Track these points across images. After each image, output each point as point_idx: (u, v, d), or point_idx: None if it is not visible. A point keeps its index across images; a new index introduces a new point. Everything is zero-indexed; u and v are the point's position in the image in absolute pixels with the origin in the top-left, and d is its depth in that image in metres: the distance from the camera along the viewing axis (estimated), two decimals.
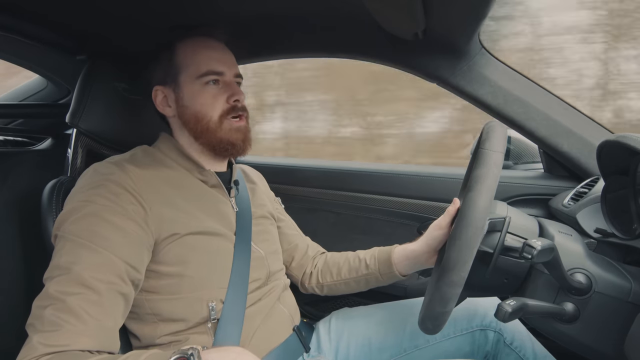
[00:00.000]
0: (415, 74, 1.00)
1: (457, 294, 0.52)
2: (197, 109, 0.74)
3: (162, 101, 0.77)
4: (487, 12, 0.73)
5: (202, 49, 0.76)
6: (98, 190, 0.61)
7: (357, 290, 0.89)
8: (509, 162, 1.18)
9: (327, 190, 1.27)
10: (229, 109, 0.75)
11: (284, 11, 0.86)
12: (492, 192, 0.54)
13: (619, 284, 0.57)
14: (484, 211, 0.52)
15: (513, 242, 0.63)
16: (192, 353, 0.46)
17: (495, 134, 0.59)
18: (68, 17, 0.82)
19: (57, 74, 1.13)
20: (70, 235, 0.57)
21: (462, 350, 0.78)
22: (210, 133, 0.74)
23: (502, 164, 0.56)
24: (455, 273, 0.51)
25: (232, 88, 0.76)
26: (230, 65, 0.77)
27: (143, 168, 0.68)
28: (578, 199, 0.85)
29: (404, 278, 0.84)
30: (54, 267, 0.56)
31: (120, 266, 0.57)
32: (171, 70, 0.75)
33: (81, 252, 0.56)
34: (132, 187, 0.63)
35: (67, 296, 0.52)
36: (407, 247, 0.82)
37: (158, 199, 0.65)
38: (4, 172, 0.91)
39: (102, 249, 0.57)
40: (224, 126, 0.74)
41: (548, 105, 0.94)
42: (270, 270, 0.79)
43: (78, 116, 0.82)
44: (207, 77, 0.74)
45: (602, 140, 0.67)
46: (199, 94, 0.74)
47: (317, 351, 0.83)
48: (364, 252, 0.89)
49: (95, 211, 0.59)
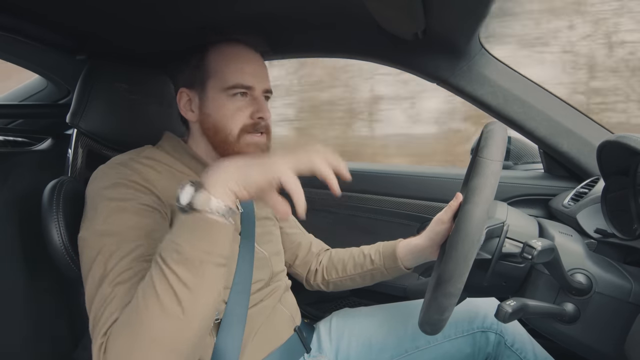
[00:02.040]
0: (415, 74, 1.00)
1: (454, 304, 0.53)
2: (219, 119, 0.71)
3: (185, 104, 0.75)
4: (487, 12, 0.73)
5: (234, 59, 0.72)
6: (113, 188, 0.62)
7: (362, 285, 0.90)
8: (509, 162, 1.18)
9: (327, 190, 1.26)
10: (251, 125, 0.72)
11: (283, 11, 0.86)
12: (489, 203, 0.53)
13: (619, 284, 0.57)
14: (480, 224, 0.52)
15: (512, 248, 0.63)
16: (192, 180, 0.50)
17: (494, 140, 0.58)
18: (68, 17, 0.82)
19: (57, 74, 1.13)
20: (104, 235, 0.57)
21: (463, 351, 0.78)
22: (227, 145, 0.72)
23: (500, 172, 0.55)
24: (452, 285, 0.51)
25: (258, 104, 0.73)
26: (261, 79, 0.74)
27: (147, 166, 0.67)
28: (578, 199, 0.85)
29: (408, 271, 0.84)
30: (99, 270, 0.55)
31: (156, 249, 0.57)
32: (200, 75, 0.73)
33: (122, 247, 0.56)
34: (142, 180, 0.63)
35: (121, 285, 0.53)
36: (410, 241, 0.83)
37: (167, 191, 0.65)
38: (4, 172, 0.91)
39: (138, 239, 0.57)
40: (242, 141, 0.72)
41: (548, 105, 0.94)
42: (273, 271, 0.79)
43: (78, 116, 0.82)
44: (234, 89, 0.71)
45: (602, 140, 0.67)
46: (224, 105, 0.71)
47: (317, 351, 0.83)
48: (368, 248, 0.90)
49: (119, 207, 0.59)
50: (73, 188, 0.75)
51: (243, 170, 0.50)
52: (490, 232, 0.63)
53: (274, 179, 0.48)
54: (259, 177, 0.48)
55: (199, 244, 0.48)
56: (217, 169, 0.51)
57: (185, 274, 0.47)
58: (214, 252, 0.49)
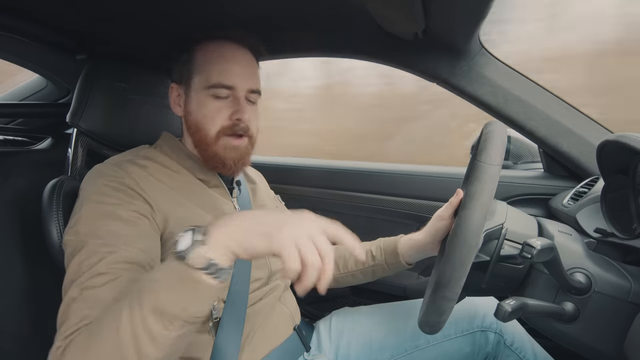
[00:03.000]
0: (416, 73, 1.00)
1: (452, 307, 0.53)
2: (199, 118, 0.72)
3: (175, 99, 0.77)
4: (487, 12, 0.73)
5: (217, 58, 0.72)
6: (103, 190, 0.62)
7: (363, 281, 0.90)
8: (508, 162, 1.18)
9: (327, 190, 1.27)
10: (229, 127, 0.71)
11: (284, 11, 0.86)
12: (487, 208, 0.53)
13: (619, 283, 0.58)
14: (477, 230, 0.52)
15: (510, 250, 0.63)
16: (194, 228, 0.46)
17: (493, 143, 0.57)
18: (68, 17, 0.82)
19: (57, 73, 1.13)
20: (85, 237, 0.57)
21: (462, 351, 0.79)
22: (205, 145, 0.72)
23: (499, 174, 0.55)
24: (449, 289, 0.52)
25: (238, 104, 0.72)
26: (245, 79, 0.73)
27: (143, 168, 0.68)
28: (578, 198, 0.85)
29: (410, 267, 0.85)
30: (73, 271, 0.55)
31: (139, 255, 0.57)
32: (186, 71, 0.74)
33: (99, 250, 0.55)
34: (135, 185, 0.63)
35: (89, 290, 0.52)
36: (412, 237, 0.83)
37: (161, 197, 0.65)
38: (4, 172, 0.91)
39: (121, 245, 0.56)
40: (220, 142, 0.72)
41: (548, 105, 0.94)
42: (271, 269, 0.79)
43: (78, 116, 0.82)
44: (215, 89, 0.70)
45: (602, 140, 0.67)
46: (204, 104, 0.71)
47: (317, 350, 0.83)
48: (369, 244, 0.90)
49: (105, 211, 0.59)
50: (73, 187, 0.75)
51: (248, 234, 0.47)
52: (488, 234, 0.63)
53: (276, 253, 0.45)
54: (262, 248, 0.46)
55: (178, 299, 0.45)
56: (224, 224, 0.48)
57: (152, 322, 0.44)
58: (190, 311, 0.45)
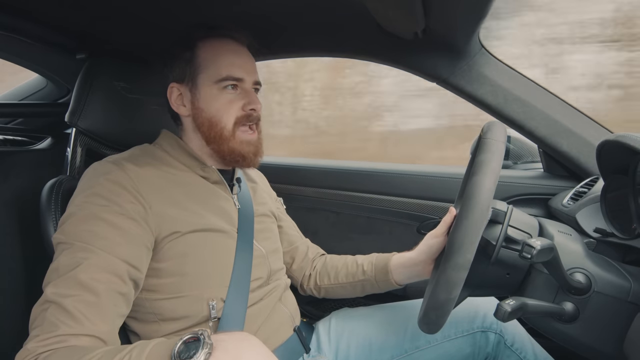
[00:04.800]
0: (416, 73, 1.00)
1: (463, 279, 0.51)
2: (213, 113, 0.73)
3: (177, 99, 0.76)
4: (486, 12, 0.73)
5: (225, 52, 0.74)
6: (96, 190, 0.61)
7: (353, 295, 0.90)
8: (508, 162, 1.18)
9: (327, 190, 1.27)
10: (244, 117, 0.74)
11: (284, 11, 0.86)
12: (497, 175, 0.54)
13: (619, 283, 0.57)
14: (490, 192, 0.52)
15: (515, 235, 0.63)
16: (202, 333, 0.43)
17: (497, 126, 0.61)
18: (68, 16, 0.82)
19: (56, 73, 1.13)
20: (69, 238, 0.57)
21: (463, 351, 0.78)
22: (222, 141, 0.73)
23: (503, 152, 0.57)
24: (461, 255, 0.51)
25: (249, 96, 0.75)
26: (250, 72, 0.76)
27: (142, 166, 0.67)
28: (577, 198, 0.85)
29: (399, 287, 0.84)
30: (52, 270, 0.56)
31: (119, 266, 0.57)
32: (190, 70, 0.74)
33: (79, 254, 0.55)
34: (131, 185, 0.63)
35: (63, 298, 0.52)
36: (404, 255, 0.82)
37: (158, 197, 0.65)
38: (3, 172, 0.91)
39: (100, 249, 0.56)
40: (237, 137, 0.74)
41: (548, 105, 0.94)
42: (271, 269, 0.79)
43: (77, 115, 0.82)
44: (225, 82, 0.72)
45: (601, 140, 0.67)
46: (216, 98, 0.73)
47: (317, 351, 0.83)
48: (362, 258, 0.89)
49: (93, 212, 0.59)
50: (72, 187, 0.75)
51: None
52: (494, 214, 0.63)
53: None
54: None
55: None
56: (228, 350, 0.42)
57: None
58: None
